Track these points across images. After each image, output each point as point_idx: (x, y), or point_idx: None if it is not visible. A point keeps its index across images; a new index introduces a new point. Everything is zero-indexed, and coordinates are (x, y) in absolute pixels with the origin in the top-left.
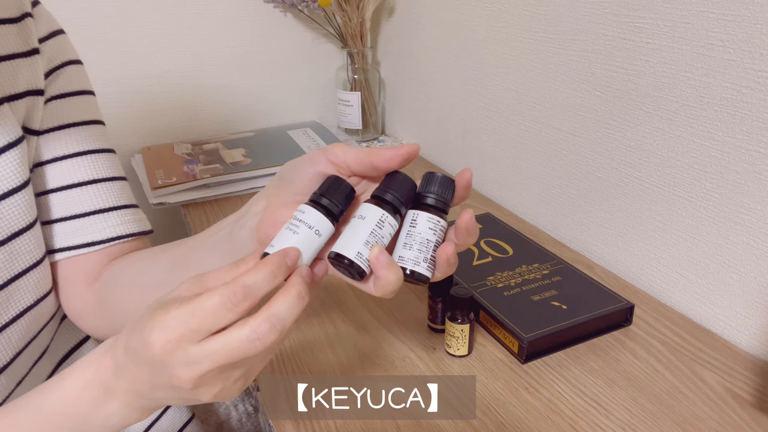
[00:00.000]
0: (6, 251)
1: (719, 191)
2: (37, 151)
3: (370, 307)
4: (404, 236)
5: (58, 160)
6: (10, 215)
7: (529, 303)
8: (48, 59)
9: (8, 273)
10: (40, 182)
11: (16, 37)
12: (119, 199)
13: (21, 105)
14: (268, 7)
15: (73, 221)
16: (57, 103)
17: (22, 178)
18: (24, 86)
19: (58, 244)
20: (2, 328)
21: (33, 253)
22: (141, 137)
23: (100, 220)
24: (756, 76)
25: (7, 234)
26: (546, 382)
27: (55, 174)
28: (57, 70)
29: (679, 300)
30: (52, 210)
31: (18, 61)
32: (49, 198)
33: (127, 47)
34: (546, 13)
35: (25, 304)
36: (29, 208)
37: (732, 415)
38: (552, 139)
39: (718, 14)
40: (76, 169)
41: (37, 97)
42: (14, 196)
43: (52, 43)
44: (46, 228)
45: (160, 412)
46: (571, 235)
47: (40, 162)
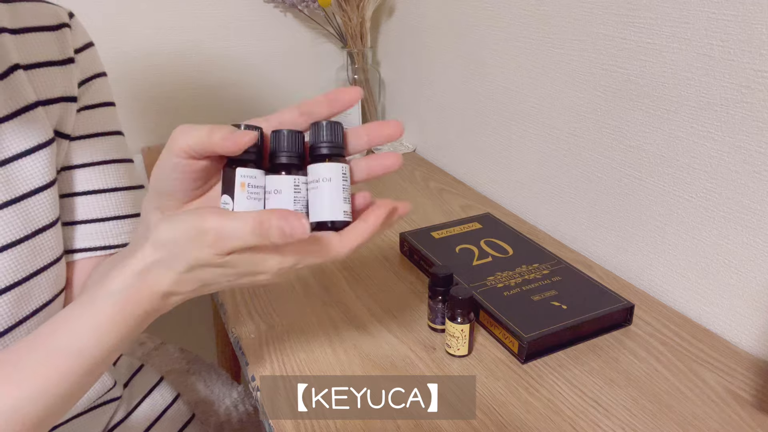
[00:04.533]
0: (30, 246)
1: (719, 191)
2: (67, 155)
3: (370, 307)
4: (312, 193)
5: (87, 166)
6: (37, 212)
7: (529, 303)
8: (82, 70)
9: (31, 267)
10: (67, 185)
11: (54, 45)
12: (136, 207)
13: (55, 110)
14: (268, 7)
15: (94, 224)
16: (88, 113)
17: (49, 177)
18: (59, 92)
19: (78, 245)
20: (23, 321)
21: (54, 250)
22: (141, 137)
23: (118, 225)
24: (756, 76)
25: (33, 229)
26: (546, 382)
27: (81, 178)
28: (89, 81)
29: (679, 300)
30: (76, 212)
31: (54, 68)
32: (74, 200)
33: (127, 47)
34: (546, 12)
35: (43, 300)
36: (53, 207)
37: (732, 415)
38: (552, 139)
39: (718, 14)
40: (101, 176)
41: (70, 104)
42: (41, 193)
43: (85, 54)
44: (68, 228)
45: (160, 412)
46: (571, 235)
47: (70, 166)
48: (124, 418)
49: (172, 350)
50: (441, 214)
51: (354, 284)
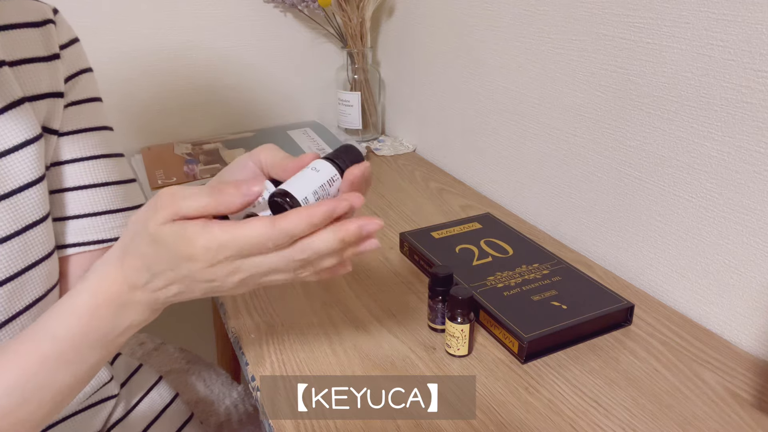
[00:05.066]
0: (21, 242)
1: (719, 191)
2: (56, 151)
3: (370, 307)
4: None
5: (76, 161)
6: (26, 207)
7: (529, 303)
8: (67, 66)
9: (23, 263)
10: (57, 180)
11: (39, 42)
12: (128, 201)
13: (42, 105)
14: (268, 7)
15: (86, 219)
16: (75, 109)
17: (38, 173)
18: (45, 88)
19: (70, 240)
20: (16, 316)
21: (45, 246)
22: (141, 137)
23: (110, 219)
24: (756, 76)
25: (23, 225)
26: (546, 382)
27: (71, 174)
28: (75, 77)
29: (679, 300)
30: (67, 207)
31: (40, 64)
32: (65, 196)
33: (127, 47)
34: (546, 12)
35: (36, 295)
36: (43, 202)
37: (732, 415)
38: (552, 139)
39: (718, 14)
40: (92, 171)
41: (57, 100)
42: (30, 189)
43: (71, 50)
44: (59, 224)
45: (159, 410)
46: (571, 235)
47: (60, 161)
48: (122, 417)
49: (172, 350)
50: (441, 214)
51: (354, 284)
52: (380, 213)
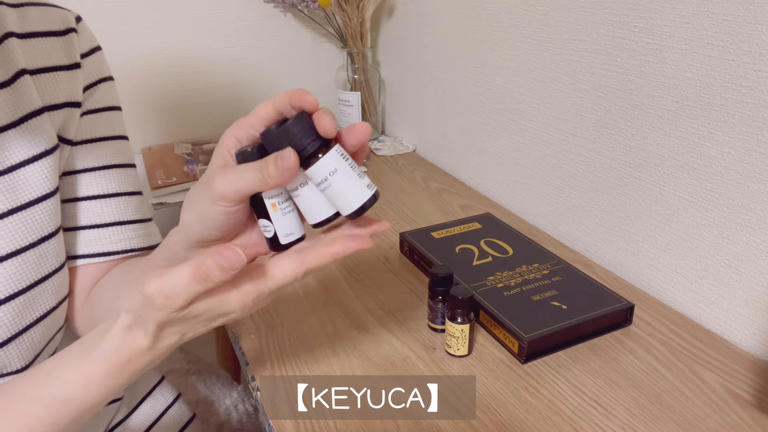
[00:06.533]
0: (36, 254)
1: (719, 191)
2: (69, 160)
3: (370, 307)
4: (328, 192)
5: (89, 171)
6: (42, 219)
7: (529, 303)
8: (87, 74)
9: (37, 275)
10: (69, 189)
11: (60, 50)
12: (137, 213)
13: (59, 115)
14: (268, 7)
15: (95, 230)
16: (91, 117)
17: (53, 185)
18: (64, 98)
19: (80, 251)
20: (27, 328)
21: (57, 258)
22: (141, 137)
23: (118, 231)
24: (756, 76)
25: (38, 237)
26: (546, 382)
27: (83, 183)
28: (94, 86)
29: (679, 300)
30: (78, 217)
31: (60, 73)
32: (76, 205)
33: (127, 48)
34: (546, 13)
35: (47, 307)
36: (57, 214)
37: (732, 415)
38: (552, 139)
39: (718, 14)
40: (103, 181)
41: (74, 109)
42: (45, 201)
43: (92, 59)
44: (69, 234)
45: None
46: (571, 235)
47: (73, 171)
48: (124, 419)
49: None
50: (441, 214)
51: (354, 284)
52: (380, 213)
